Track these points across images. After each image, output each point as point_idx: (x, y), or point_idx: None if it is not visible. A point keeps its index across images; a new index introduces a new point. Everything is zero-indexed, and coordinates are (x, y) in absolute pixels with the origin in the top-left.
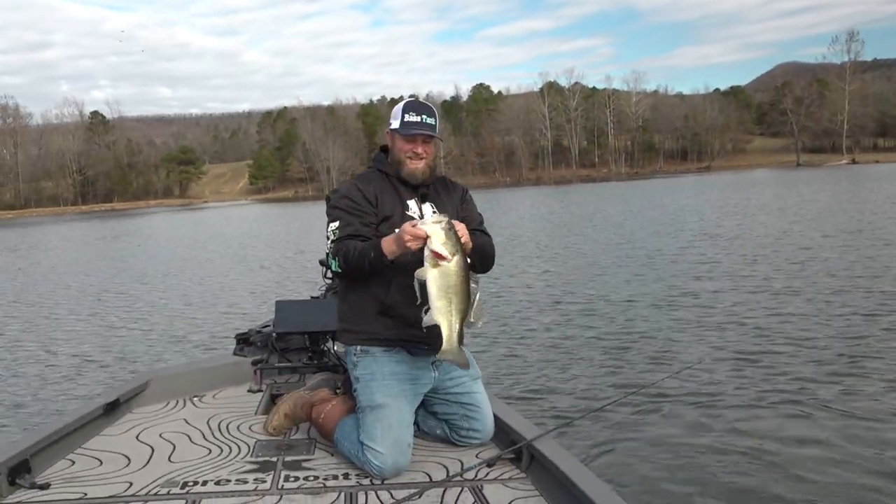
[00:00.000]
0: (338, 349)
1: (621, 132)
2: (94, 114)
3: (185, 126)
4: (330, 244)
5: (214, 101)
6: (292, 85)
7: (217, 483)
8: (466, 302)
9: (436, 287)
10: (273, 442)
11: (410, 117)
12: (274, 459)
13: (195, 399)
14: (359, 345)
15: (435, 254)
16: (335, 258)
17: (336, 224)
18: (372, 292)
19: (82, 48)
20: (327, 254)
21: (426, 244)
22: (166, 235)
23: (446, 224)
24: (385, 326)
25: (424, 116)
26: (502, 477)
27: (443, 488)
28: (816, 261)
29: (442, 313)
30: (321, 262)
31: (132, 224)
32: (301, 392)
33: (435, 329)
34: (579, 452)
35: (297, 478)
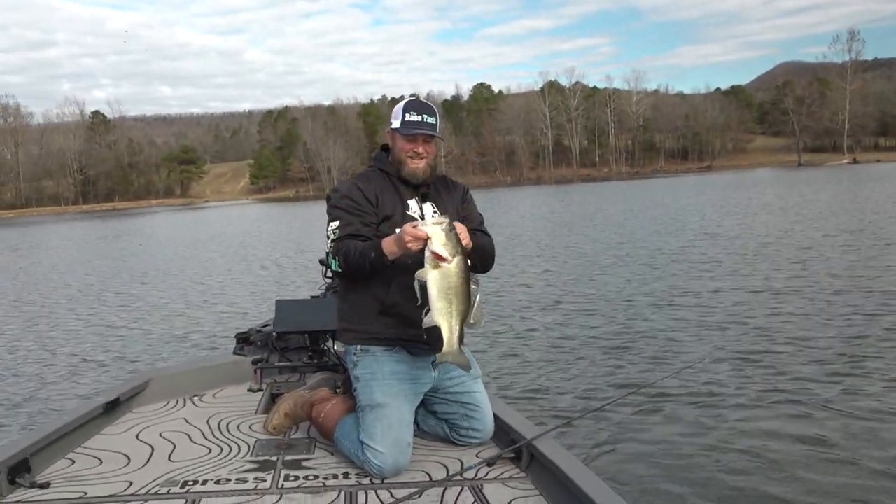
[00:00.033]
0: (338, 348)
1: (622, 131)
2: (96, 113)
3: (186, 125)
4: (330, 243)
5: (215, 101)
6: (293, 84)
7: (217, 482)
8: (467, 303)
9: (436, 288)
10: (273, 441)
11: (411, 117)
12: (274, 459)
13: (195, 398)
14: (359, 344)
15: (435, 255)
16: (335, 258)
17: (336, 223)
18: (372, 292)
19: (83, 47)
20: (327, 253)
21: (427, 245)
22: (167, 235)
23: (447, 225)
24: (385, 326)
25: (425, 116)
26: (502, 476)
27: (443, 488)
28: (817, 260)
29: (442, 315)
30: (321, 262)
31: (133, 223)
32: (301, 391)
33: (435, 330)
34: (579, 452)
35: (297, 477)
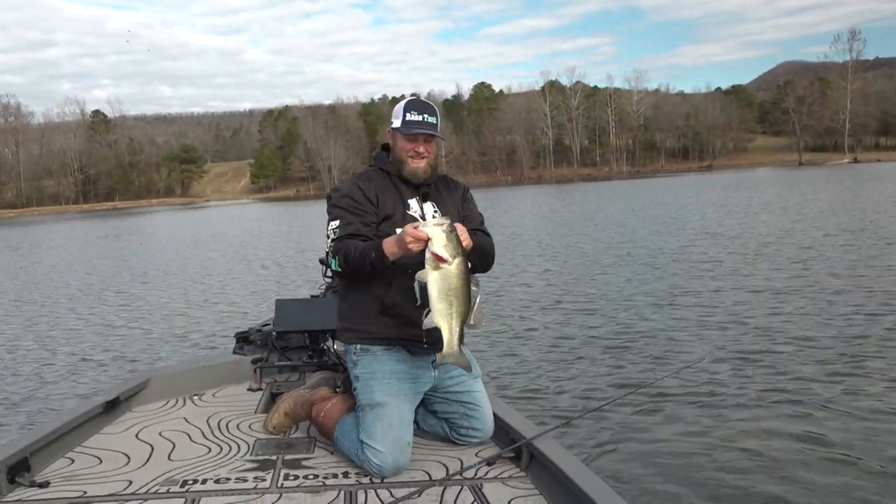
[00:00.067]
0: (338, 348)
1: (623, 131)
2: (96, 112)
3: (187, 125)
4: (330, 243)
5: (216, 100)
6: (294, 84)
7: (217, 481)
8: (467, 305)
9: (436, 290)
10: (273, 440)
11: (412, 116)
12: (274, 458)
13: (195, 397)
14: (359, 343)
15: (436, 256)
16: (335, 257)
17: (337, 223)
18: (373, 292)
19: (84, 47)
20: (327, 252)
21: (427, 246)
22: (168, 234)
23: (448, 227)
24: (385, 326)
25: (426, 115)
26: (502, 476)
27: (442, 487)
28: (818, 260)
29: (442, 316)
30: (321, 261)
31: (134, 223)
32: (301, 391)
33: (435, 331)
34: (579, 451)
35: (297, 476)
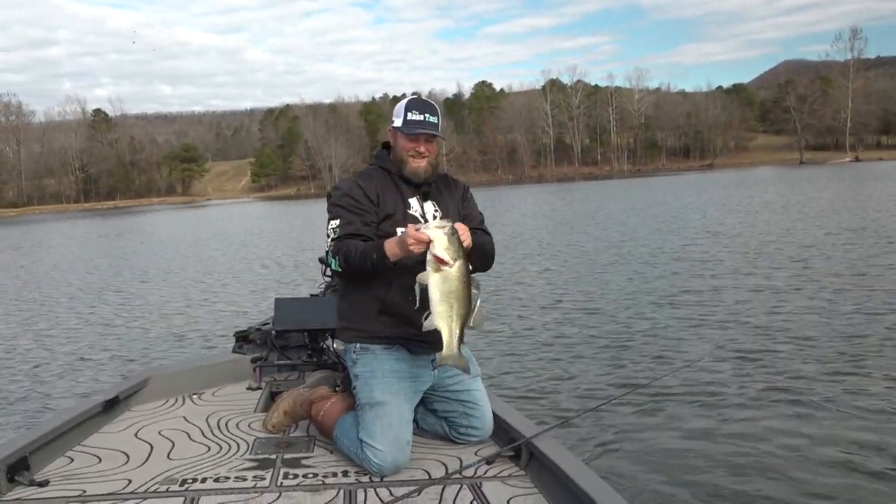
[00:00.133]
0: (337, 347)
1: (624, 130)
2: (97, 111)
3: (188, 124)
4: (330, 242)
5: (216, 99)
6: (294, 83)
7: (216, 480)
8: (467, 307)
9: (437, 292)
10: (272, 439)
11: (413, 116)
12: (273, 457)
13: (194, 396)
14: (358, 342)
15: (437, 258)
16: (335, 257)
17: (337, 222)
18: (373, 291)
19: (85, 46)
20: (327, 252)
21: (429, 248)
22: (168, 233)
23: (449, 229)
24: (385, 325)
25: (427, 115)
26: (501, 474)
27: (442, 486)
28: (819, 259)
29: (443, 318)
30: (321, 260)
31: (135, 222)
32: (301, 389)
33: (435, 332)
34: (578, 450)
35: (297, 475)
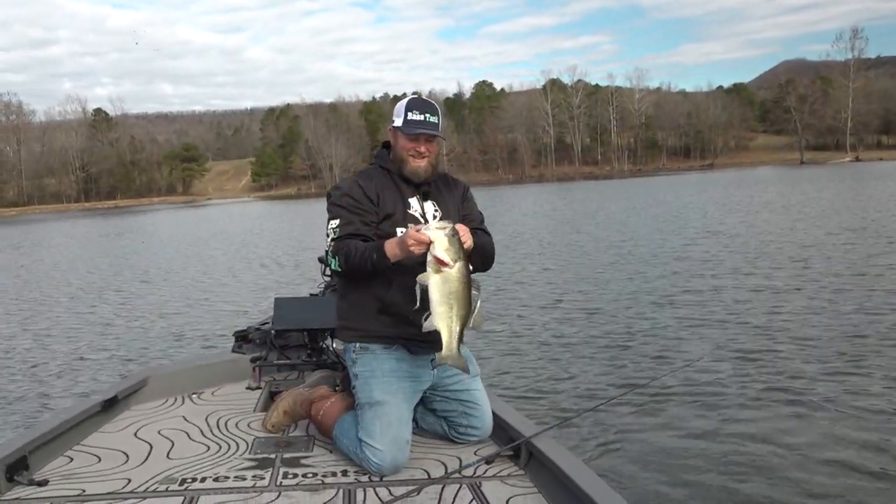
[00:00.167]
0: (337, 346)
1: (624, 129)
2: (98, 111)
3: (188, 123)
4: (330, 242)
5: (217, 98)
6: (295, 82)
7: (215, 480)
8: (468, 308)
9: (437, 293)
10: (272, 439)
11: (413, 115)
12: (272, 456)
13: (194, 396)
14: (358, 342)
15: (437, 260)
16: (335, 257)
17: (337, 222)
18: (372, 291)
19: (85, 45)
20: (327, 251)
21: (429, 249)
22: (169, 233)
23: (450, 230)
24: (384, 324)
25: (428, 115)
26: (501, 474)
27: (441, 485)
28: (820, 259)
29: (443, 319)
30: (320, 260)
31: (135, 221)
32: (300, 389)
33: (435, 333)
34: (578, 450)
35: (296, 475)
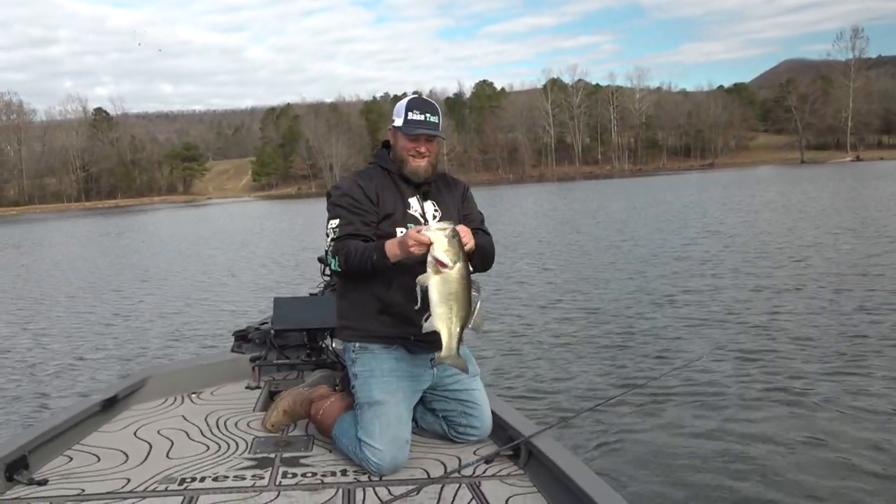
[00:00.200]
0: (336, 346)
1: (624, 129)
2: (98, 110)
3: (189, 123)
4: (330, 242)
5: (218, 98)
6: (296, 82)
7: (215, 479)
8: (467, 309)
9: (437, 293)
10: (271, 438)
11: (414, 115)
12: (272, 456)
13: (193, 396)
14: (357, 342)
15: (437, 261)
16: (335, 257)
17: (336, 222)
18: (372, 290)
19: (85, 45)
20: (326, 251)
21: (429, 250)
22: (170, 232)
23: (450, 231)
24: (384, 324)
25: (428, 115)
26: (500, 473)
27: (441, 485)
28: (820, 258)
29: (442, 320)
30: (320, 260)
31: (136, 220)
32: (300, 389)
33: (435, 333)
34: (577, 449)
35: (295, 474)
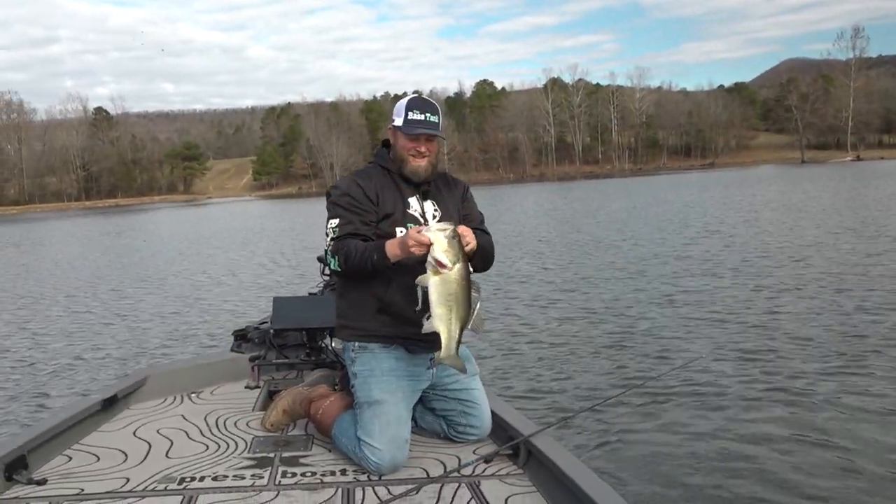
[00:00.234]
0: (336, 345)
1: (625, 128)
2: (98, 109)
3: (189, 122)
4: (330, 241)
5: (218, 97)
6: (296, 81)
7: (214, 479)
8: (467, 310)
9: (436, 294)
10: (270, 438)
11: (414, 115)
12: (271, 455)
13: (192, 395)
14: (357, 341)
15: (437, 261)
16: (335, 256)
17: (336, 221)
18: (372, 290)
19: (86, 44)
20: (326, 251)
21: (429, 250)
22: (170, 231)
23: (451, 232)
24: (383, 324)
25: (428, 114)
26: (500, 473)
27: (440, 484)
28: (820, 258)
29: (442, 321)
30: (319, 259)
31: (136, 220)
32: (299, 388)
33: (435, 334)
34: (577, 449)
35: (295, 474)
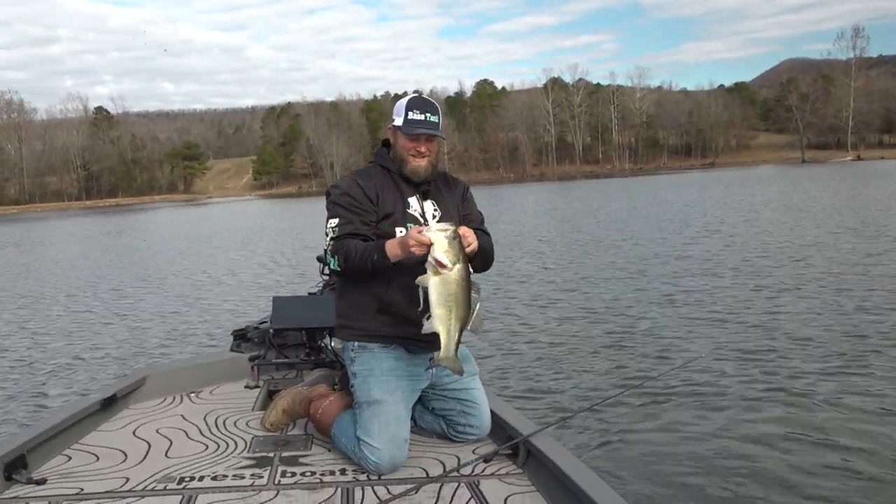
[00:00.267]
0: (335, 345)
1: (625, 128)
2: (99, 109)
3: (189, 121)
4: (329, 241)
5: (218, 97)
6: (297, 80)
7: (214, 478)
8: (467, 311)
9: (436, 294)
10: (270, 438)
11: (414, 115)
12: (271, 455)
13: (192, 395)
14: (356, 341)
15: (437, 262)
16: (335, 256)
17: (336, 221)
18: (371, 290)
19: (86, 43)
20: (326, 251)
21: (429, 251)
22: (170, 231)
23: (451, 233)
24: (383, 323)
25: (428, 114)
26: (499, 472)
27: (439, 484)
28: (821, 257)
29: (441, 321)
30: (319, 259)
31: (136, 219)
32: (299, 388)
33: (435, 335)
34: (576, 448)
35: (294, 473)
